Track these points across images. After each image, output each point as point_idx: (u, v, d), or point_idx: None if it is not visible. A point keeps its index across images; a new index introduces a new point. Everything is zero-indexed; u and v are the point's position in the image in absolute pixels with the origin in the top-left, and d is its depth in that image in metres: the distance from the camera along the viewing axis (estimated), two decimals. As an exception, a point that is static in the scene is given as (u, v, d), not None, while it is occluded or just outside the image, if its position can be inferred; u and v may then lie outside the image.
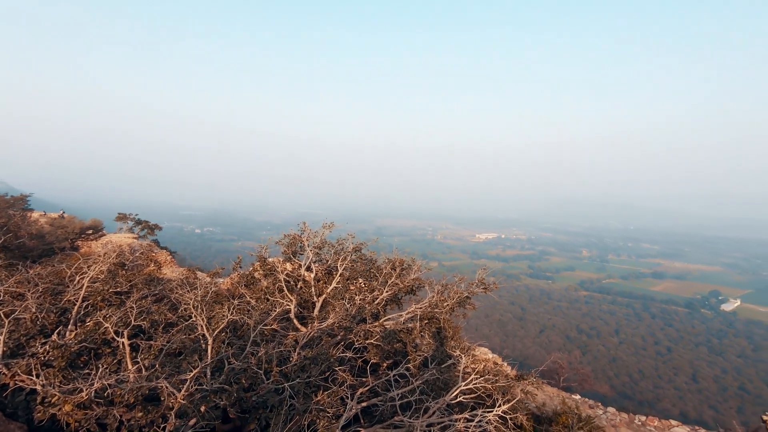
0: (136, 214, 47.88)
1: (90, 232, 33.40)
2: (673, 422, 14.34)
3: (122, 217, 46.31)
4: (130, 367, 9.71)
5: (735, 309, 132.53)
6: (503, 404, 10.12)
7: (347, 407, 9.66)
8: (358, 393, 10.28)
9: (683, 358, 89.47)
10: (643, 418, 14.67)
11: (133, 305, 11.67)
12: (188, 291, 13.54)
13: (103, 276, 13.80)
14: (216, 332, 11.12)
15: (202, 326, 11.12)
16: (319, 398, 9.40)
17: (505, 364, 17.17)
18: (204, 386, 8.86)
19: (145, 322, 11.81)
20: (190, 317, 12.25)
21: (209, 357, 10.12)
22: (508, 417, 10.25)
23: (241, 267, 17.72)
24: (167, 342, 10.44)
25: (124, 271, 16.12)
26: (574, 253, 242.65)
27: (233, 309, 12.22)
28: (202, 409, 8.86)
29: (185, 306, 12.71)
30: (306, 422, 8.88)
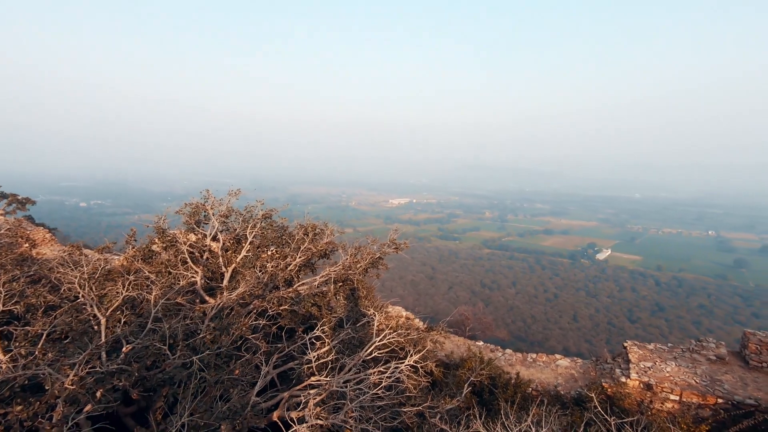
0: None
1: (-65, 208, 27.76)
2: (558, 356, 16.50)
3: (-20, 191, 39.19)
4: (1, 357, 8.47)
5: (606, 258, 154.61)
6: (415, 355, 10.78)
7: (262, 374, 9.56)
8: (274, 359, 10.20)
9: (567, 302, 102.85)
10: (534, 355, 16.64)
11: (1, 289, 10.08)
12: (72, 269, 12.02)
13: (-45, 258, 11.65)
14: (110, 311, 10.12)
15: (91, 306, 10.03)
16: (231, 368, 9.14)
17: (417, 319, 18.16)
18: (98, 369, 8.08)
19: (18, 307, 10.32)
20: (77, 297, 10.97)
21: (103, 338, 9.22)
22: (419, 366, 10.98)
23: (136, 240, 16.11)
24: (49, 326, 9.25)
25: (-15, 252, 13.77)
26: (478, 214, 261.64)
27: (129, 285, 11.18)
28: (98, 393, 8.11)
29: (69, 285, 11.32)
30: (218, 393, 8.62)
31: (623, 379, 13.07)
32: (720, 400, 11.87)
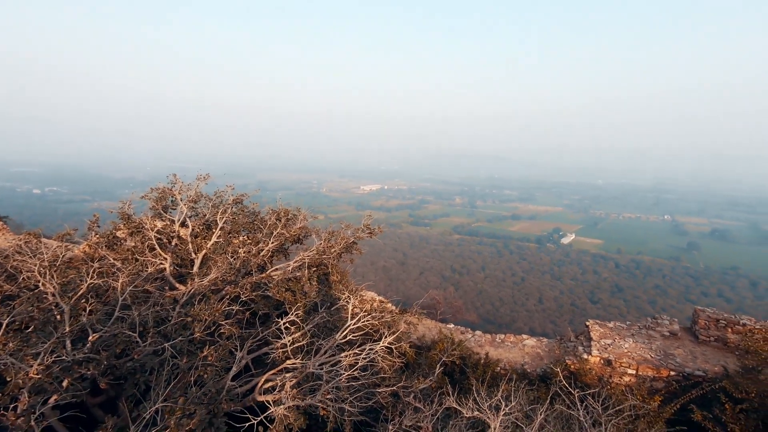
0: (-58, 171, 37.95)
1: None
2: (524, 336, 17.14)
3: None
4: (-43, 349, 8.05)
5: (571, 242, 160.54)
6: (389, 337, 10.98)
7: (237, 359, 9.52)
8: (248, 344, 10.16)
9: (533, 285, 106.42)
10: (503, 336, 17.23)
11: (-48, 279, 9.54)
12: (31, 257, 11.48)
13: None
14: (74, 299, 9.76)
15: (53, 294, 9.65)
16: (205, 354, 9.05)
17: (389, 303, 18.38)
18: (63, 358, 7.83)
19: (-29, 298, 9.80)
20: (37, 287, 10.51)
21: (67, 326, 8.90)
22: (393, 347, 11.19)
23: (99, 227, 15.47)
24: (7, 316, 8.84)
25: (-69, 240, 12.90)
26: (448, 200, 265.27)
27: (93, 273, 10.79)
28: (65, 383, 7.88)
29: (28, 274, 10.82)
30: (192, 379, 8.54)
31: (585, 356, 13.78)
32: (672, 373, 12.75)
